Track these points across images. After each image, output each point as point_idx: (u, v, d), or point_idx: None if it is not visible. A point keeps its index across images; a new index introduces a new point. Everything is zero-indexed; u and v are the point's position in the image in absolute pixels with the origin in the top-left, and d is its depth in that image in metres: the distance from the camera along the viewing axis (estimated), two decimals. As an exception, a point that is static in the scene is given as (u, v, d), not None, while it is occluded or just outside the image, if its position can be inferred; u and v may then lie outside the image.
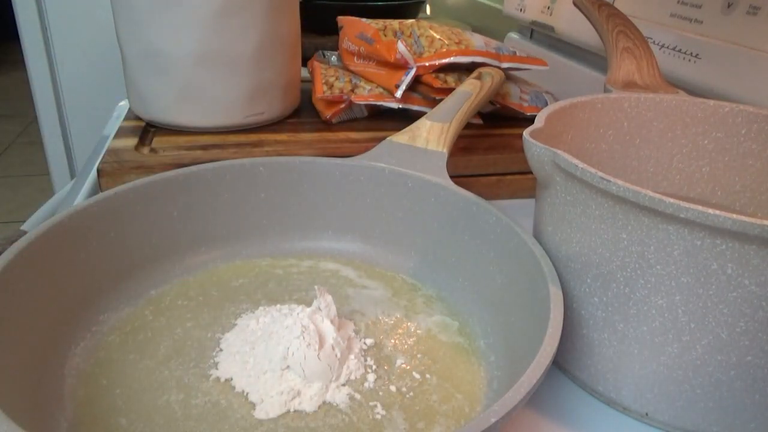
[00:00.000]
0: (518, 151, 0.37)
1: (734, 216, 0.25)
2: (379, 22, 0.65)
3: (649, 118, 0.43)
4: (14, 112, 2.61)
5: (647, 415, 0.33)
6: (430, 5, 1.31)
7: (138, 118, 0.60)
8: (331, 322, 0.34)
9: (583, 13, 0.56)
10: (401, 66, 0.60)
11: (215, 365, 0.35)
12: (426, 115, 0.49)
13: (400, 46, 0.59)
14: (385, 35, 0.63)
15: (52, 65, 1.20)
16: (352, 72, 0.65)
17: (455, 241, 0.41)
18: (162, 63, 0.54)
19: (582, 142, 0.42)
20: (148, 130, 0.58)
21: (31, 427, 0.28)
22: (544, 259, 0.34)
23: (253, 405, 0.32)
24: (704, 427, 0.31)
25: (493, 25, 1.06)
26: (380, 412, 0.32)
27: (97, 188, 0.50)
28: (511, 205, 0.56)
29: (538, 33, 0.91)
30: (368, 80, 0.63)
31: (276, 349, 0.33)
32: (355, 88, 0.62)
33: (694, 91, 0.53)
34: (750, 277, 0.27)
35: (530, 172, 0.35)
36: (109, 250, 0.39)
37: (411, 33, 0.64)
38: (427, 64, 0.60)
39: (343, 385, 0.33)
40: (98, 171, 0.49)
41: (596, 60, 0.75)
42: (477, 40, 0.64)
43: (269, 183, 0.45)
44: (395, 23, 0.65)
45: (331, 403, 0.32)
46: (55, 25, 1.16)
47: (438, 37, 0.63)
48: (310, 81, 0.66)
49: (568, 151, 0.31)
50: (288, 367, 0.33)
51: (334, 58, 0.70)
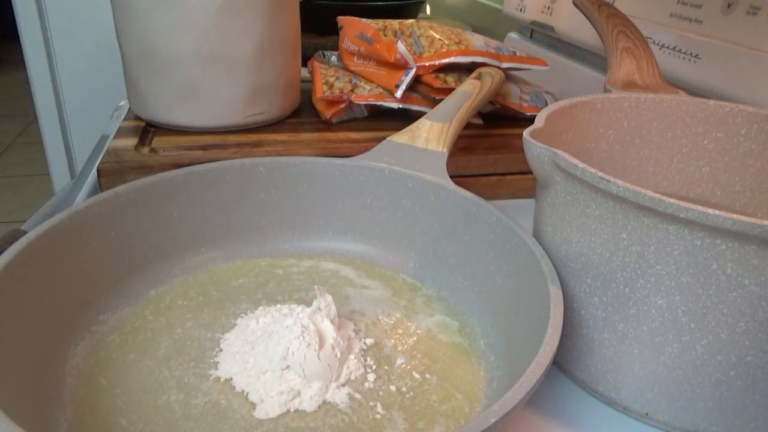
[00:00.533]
0: (518, 151, 0.37)
1: (734, 216, 0.25)
2: (379, 22, 0.65)
3: (649, 118, 0.43)
4: (14, 112, 2.61)
5: (647, 415, 0.33)
6: (430, 5, 1.31)
7: (138, 118, 0.60)
8: (331, 322, 0.34)
9: (583, 13, 0.56)
10: (401, 66, 0.60)
11: (215, 365, 0.35)
12: (426, 115, 0.49)
13: (400, 46, 0.59)
14: (385, 35, 0.63)
15: (52, 65, 1.20)
16: (352, 72, 0.65)
17: (455, 241, 0.41)
18: (162, 63, 0.54)
19: (582, 142, 0.42)
20: (148, 130, 0.58)
21: (31, 427, 0.28)
22: (544, 259, 0.34)
23: (253, 405, 0.32)
24: (704, 427, 0.31)
25: (493, 25, 1.06)
26: (380, 411, 0.32)
27: (97, 188, 0.50)
28: (511, 205, 0.56)
29: (538, 33, 0.91)
30: (368, 80, 0.63)
31: (276, 349, 0.33)
32: (355, 88, 0.62)
33: (694, 91, 0.53)
34: (750, 277, 0.27)
35: (530, 172, 0.35)
36: (109, 250, 0.39)
37: (411, 33, 0.64)
38: (427, 64, 0.60)
39: (343, 385, 0.33)
40: (98, 171, 0.49)
41: (596, 60, 0.75)
42: (477, 40, 0.64)
43: (269, 183, 0.45)
44: (395, 23, 0.65)
45: (330, 403, 0.32)
46: (55, 25, 1.16)
47: (438, 37, 0.63)
48: (310, 81, 0.66)
49: (568, 151, 0.31)
50: (288, 367, 0.33)
51: (334, 58, 0.70)
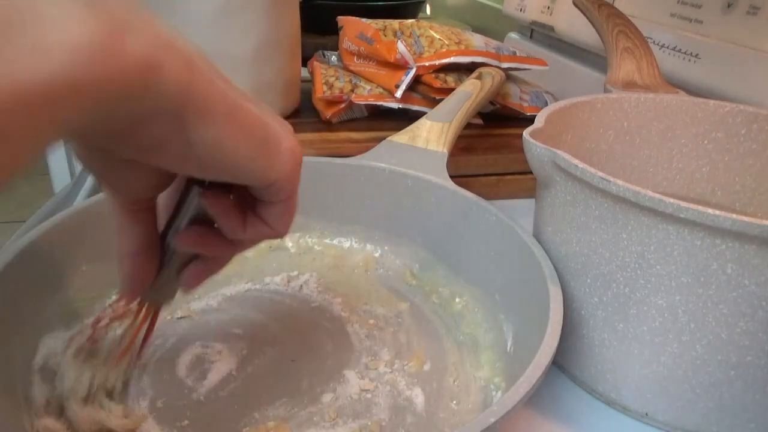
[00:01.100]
0: (518, 151, 0.37)
1: (734, 216, 0.25)
2: (379, 22, 0.65)
3: (649, 118, 0.43)
4: (14, 112, 2.61)
5: (647, 415, 0.33)
6: (430, 5, 1.31)
7: (138, 118, 0.60)
8: None
9: (583, 13, 0.56)
10: (401, 66, 0.60)
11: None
12: (426, 115, 0.49)
13: (400, 46, 0.59)
14: (385, 35, 0.63)
15: (52, 65, 1.19)
16: (352, 72, 0.65)
17: (455, 241, 0.41)
18: (162, 63, 0.54)
19: (582, 142, 0.42)
20: (148, 130, 0.58)
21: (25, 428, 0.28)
22: (544, 260, 0.34)
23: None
24: (704, 427, 0.31)
25: (493, 25, 1.06)
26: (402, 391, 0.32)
27: (97, 188, 0.50)
28: (511, 205, 0.56)
29: (538, 33, 0.91)
30: (368, 80, 0.63)
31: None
32: (355, 88, 0.62)
33: (694, 91, 0.53)
34: (750, 277, 0.27)
35: (530, 172, 0.35)
36: (109, 250, 0.39)
37: (411, 33, 0.64)
38: (427, 64, 0.60)
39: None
40: (98, 171, 0.49)
41: (596, 60, 0.75)
42: (477, 40, 0.64)
43: (269, 183, 0.45)
44: (395, 23, 0.65)
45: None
46: (55, 25, 1.16)
47: (438, 37, 0.63)
48: (310, 81, 0.66)
49: (568, 151, 0.31)
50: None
51: (334, 58, 0.70)
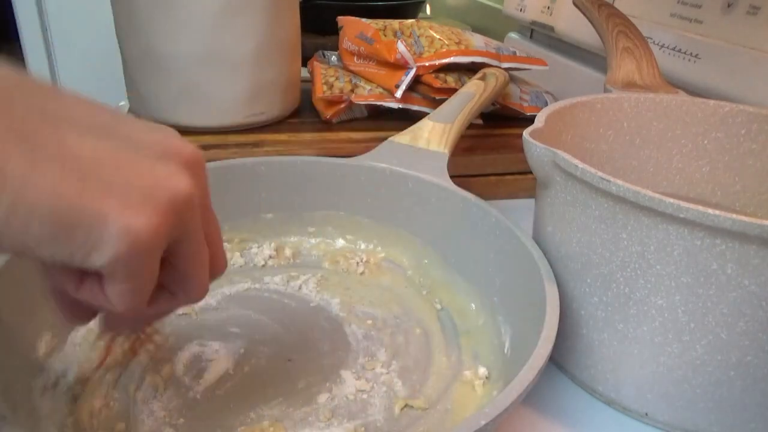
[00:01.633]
0: (518, 151, 0.37)
1: (734, 216, 0.25)
2: (379, 22, 0.65)
3: (649, 118, 0.43)
4: (14, 112, 2.61)
5: (647, 415, 0.33)
6: (430, 5, 1.31)
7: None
8: None
9: (583, 13, 0.56)
10: (401, 66, 0.60)
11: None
12: (428, 116, 0.49)
13: (400, 46, 0.59)
14: (385, 35, 0.63)
15: (52, 65, 1.20)
16: (352, 72, 0.65)
17: (455, 242, 0.41)
18: (162, 63, 0.54)
19: (582, 142, 0.42)
20: (148, 130, 0.58)
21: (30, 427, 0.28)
22: (542, 261, 0.34)
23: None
24: (704, 427, 0.31)
25: (493, 25, 1.06)
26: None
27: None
28: (511, 205, 0.56)
29: (538, 33, 0.91)
30: (368, 80, 0.63)
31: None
32: (355, 88, 0.62)
33: (694, 91, 0.53)
34: (750, 277, 0.27)
35: (530, 172, 0.35)
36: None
37: (411, 33, 0.64)
38: (427, 64, 0.60)
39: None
40: (98, 171, 0.49)
41: (596, 60, 0.75)
42: (477, 40, 0.64)
43: (270, 182, 0.45)
44: (395, 23, 0.65)
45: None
46: (55, 25, 1.16)
47: (438, 37, 0.63)
48: (310, 81, 0.66)
49: (568, 151, 0.31)
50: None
51: (334, 58, 0.70)
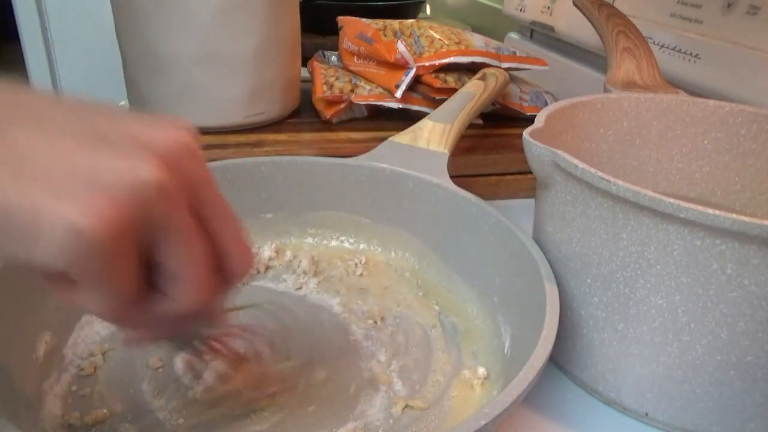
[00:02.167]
0: (518, 151, 0.37)
1: (734, 216, 0.25)
2: (379, 22, 0.65)
3: (649, 118, 0.43)
4: (14, 112, 2.61)
5: (647, 415, 0.33)
6: (430, 5, 1.31)
7: (138, 118, 0.60)
8: None
9: (583, 13, 0.56)
10: (401, 66, 0.60)
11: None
12: (428, 116, 0.49)
13: (400, 46, 0.59)
14: (385, 35, 0.63)
15: (52, 65, 1.20)
16: (352, 72, 0.65)
17: (455, 242, 0.41)
18: (162, 63, 0.54)
19: (582, 142, 0.42)
20: (148, 130, 0.58)
21: (27, 425, 0.28)
22: (542, 262, 0.34)
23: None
24: (704, 427, 0.31)
25: (493, 25, 1.06)
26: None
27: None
28: (511, 205, 0.56)
29: (538, 33, 0.91)
30: (368, 80, 0.63)
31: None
32: (355, 88, 0.62)
33: (694, 91, 0.53)
34: (750, 277, 0.27)
35: (530, 172, 0.35)
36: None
37: (411, 33, 0.64)
38: (427, 64, 0.60)
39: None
40: (98, 171, 0.49)
41: (596, 60, 0.75)
42: (477, 40, 0.64)
43: (270, 182, 0.45)
44: (395, 23, 0.65)
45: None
46: (55, 25, 1.16)
47: (438, 37, 0.63)
48: (310, 81, 0.66)
49: (568, 151, 0.31)
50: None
51: (334, 58, 0.70)
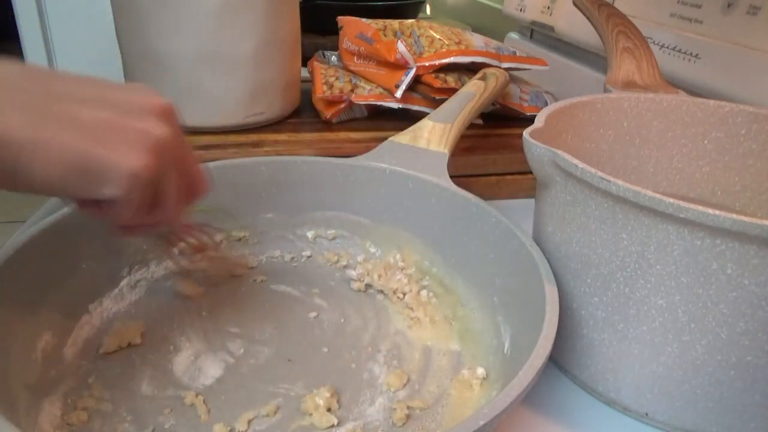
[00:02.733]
0: (518, 151, 0.37)
1: (734, 216, 0.25)
2: (379, 22, 0.65)
3: (649, 118, 0.43)
4: (14, 112, 2.61)
5: (647, 415, 0.33)
6: (430, 5, 1.31)
7: (138, 118, 0.60)
8: None
9: (583, 13, 0.56)
10: (401, 66, 0.60)
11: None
12: (428, 116, 0.49)
13: (400, 46, 0.59)
14: (385, 35, 0.63)
15: (52, 65, 1.20)
16: (352, 72, 0.65)
17: (455, 242, 0.41)
18: (162, 63, 0.54)
19: (582, 142, 0.42)
20: (148, 130, 0.58)
21: (27, 421, 0.28)
22: (542, 262, 0.34)
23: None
24: (704, 427, 0.31)
25: (493, 25, 1.06)
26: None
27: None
28: (511, 205, 0.56)
29: (538, 33, 0.91)
30: (368, 80, 0.63)
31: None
32: (355, 88, 0.62)
33: (694, 91, 0.53)
34: (750, 277, 0.27)
35: (530, 172, 0.35)
36: (110, 249, 0.39)
37: (411, 33, 0.64)
38: (427, 64, 0.60)
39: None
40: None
41: (596, 60, 0.75)
42: (477, 40, 0.64)
43: (270, 182, 0.45)
44: (395, 23, 0.65)
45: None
46: (55, 25, 1.16)
47: (438, 37, 0.63)
48: (310, 81, 0.66)
49: (568, 151, 0.31)
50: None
51: (334, 58, 0.70)
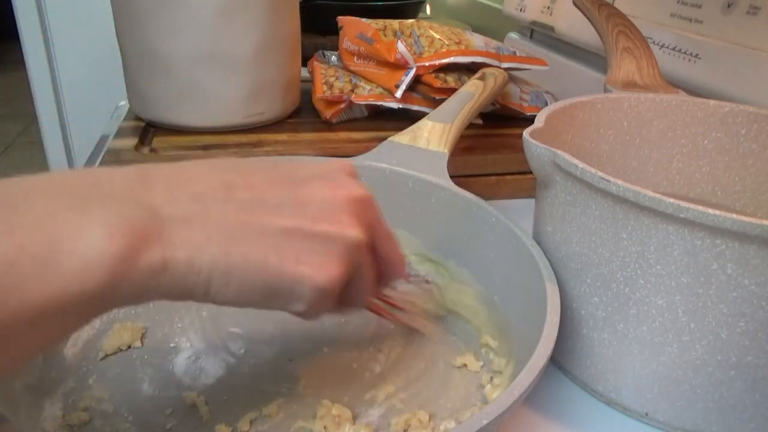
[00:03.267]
0: (518, 151, 0.37)
1: (734, 216, 0.25)
2: (379, 22, 0.65)
3: (649, 118, 0.43)
4: (14, 112, 2.61)
5: (647, 415, 0.33)
6: (430, 5, 1.31)
7: (138, 118, 0.60)
8: None
9: (583, 13, 0.56)
10: (401, 66, 0.60)
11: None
12: (428, 116, 0.49)
13: (400, 46, 0.59)
14: (385, 35, 0.63)
15: (52, 65, 1.19)
16: (352, 72, 0.65)
17: (455, 242, 0.41)
18: (162, 63, 0.54)
19: (582, 142, 0.42)
20: (148, 130, 0.58)
21: (29, 421, 0.28)
22: (543, 261, 0.34)
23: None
24: (704, 427, 0.31)
25: (493, 25, 1.06)
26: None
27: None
28: (511, 205, 0.56)
29: (538, 33, 0.91)
30: (368, 80, 0.63)
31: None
32: (355, 88, 0.62)
33: (694, 91, 0.53)
34: (750, 277, 0.27)
35: (530, 172, 0.35)
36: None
37: (411, 33, 0.64)
38: (427, 64, 0.60)
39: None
40: (98, 171, 0.49)
41: (596, 60, 0.75)
42: (477, 40, 0.64)
43: (269, 183, 0.45)
44: (395, 23, 0.65)
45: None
46: (55, 25, 1.16)
47: (438, 37, 0.63)
48: (310, 81, 0.66)
49: (568, 151, 0.31)
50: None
51: (334, 58, 0.70)
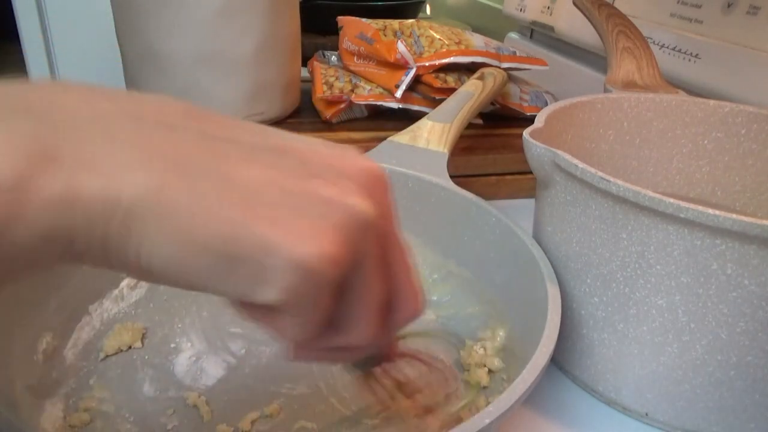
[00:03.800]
0: (518, 151, 0.37)
1: (734, 216, 0.25)
2: (379, 22, 0.65)
3: (649, 118, 0.43)
4: (14, 112, 2.61)
5: (647, 415, 0.33)
6: (430, 5, 1.31)
7: (138, 118, 0.60)
8: None
9: (583, 13, 0.56)
10: (401, 66, 0.60)
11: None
12: (427, 116, 0.49)
13: (400, 46, 0.59)
14: (385, 35, 0.63)
15: (52, 65, 1.19)
16: (352, 72, 0.65)
17: (455, 242, 0.41)
18: (162, 63, 0.54)
19: (582, 142, 0.42)
20: (148, 130, 0.58)
21: (30, 420, 0.28)
22: (543, 261, 0.34)
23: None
24: (704, 427, 0.31)
25: (493, 25, 1.06)
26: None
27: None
28: (511, 205, 0.56)
29: (538, 33, 0.91)
30: (368, 80, 0.63)
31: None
32: (355, 88, 0.62)
33: (694, 91, 0.53)
34: (750, 277, 0.27)
35: (530, 172, 0.35)
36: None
37: (411, 33, 0.64)
38: (427, 64, 0.60)
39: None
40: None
41: (596, 60, 0.75)
42: (477, 40, 0.64)
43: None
44: (395, 23, 0.65)
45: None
46: (55, 25, 1.16)
47: (438, 37, 0.63)
48: (310, 81, 0.66)
49: (568, 151, 0.31)
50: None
51: (334, 58, 0.70)
